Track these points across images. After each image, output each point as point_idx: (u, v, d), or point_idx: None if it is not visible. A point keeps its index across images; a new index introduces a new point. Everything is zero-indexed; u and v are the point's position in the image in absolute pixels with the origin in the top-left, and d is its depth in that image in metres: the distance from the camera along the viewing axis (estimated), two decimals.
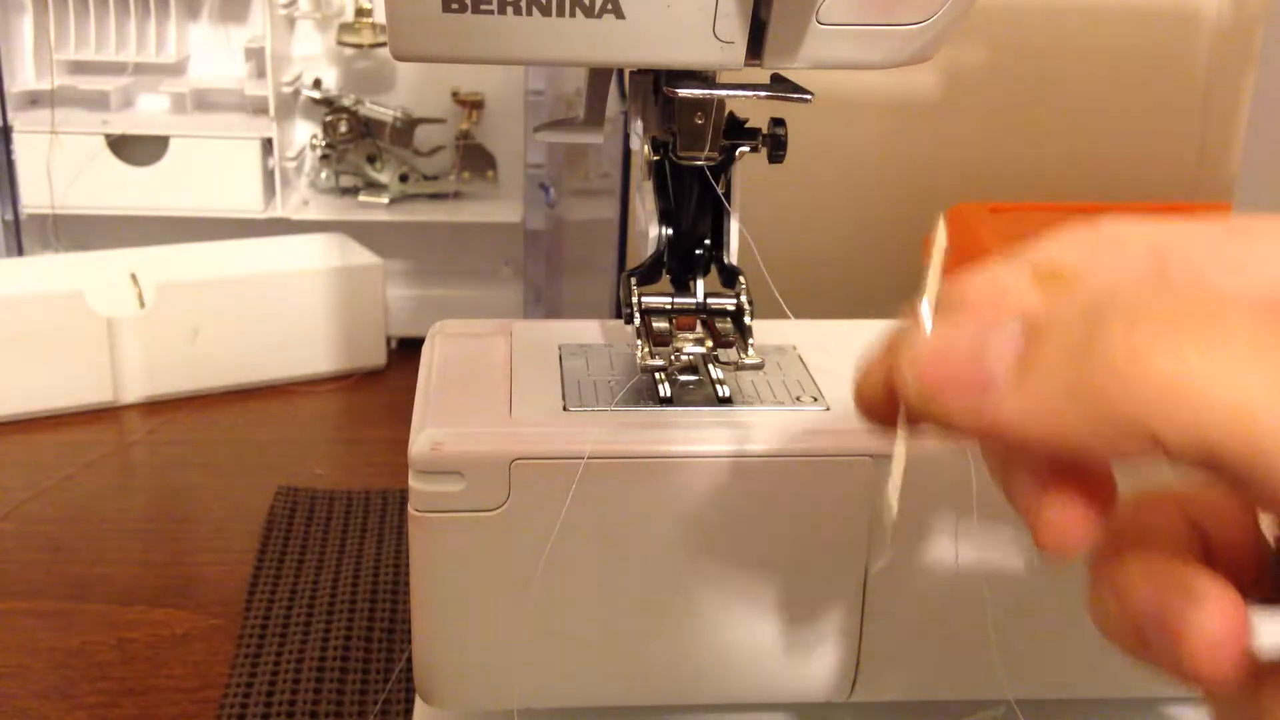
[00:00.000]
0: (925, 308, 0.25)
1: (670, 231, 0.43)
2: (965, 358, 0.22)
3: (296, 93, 0.87)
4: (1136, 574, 0.23)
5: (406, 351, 0.85)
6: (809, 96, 0.38)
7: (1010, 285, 0.25)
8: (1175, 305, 0.20)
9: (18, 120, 0.83)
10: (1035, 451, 0.23)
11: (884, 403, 0.25)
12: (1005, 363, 0.22)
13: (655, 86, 0.41)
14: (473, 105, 0.88)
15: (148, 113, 0.88)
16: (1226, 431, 0.19)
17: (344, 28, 0.86)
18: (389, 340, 0.84)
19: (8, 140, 0.82)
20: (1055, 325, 0.21)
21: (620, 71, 0.43)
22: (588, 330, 0.47)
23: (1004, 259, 0.25)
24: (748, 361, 0.41)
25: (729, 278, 0.43)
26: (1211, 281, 0.24)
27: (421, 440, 0.37)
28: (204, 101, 0.88)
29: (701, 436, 0.39)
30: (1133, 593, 0.23)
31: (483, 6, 0.34)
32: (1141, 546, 0.24)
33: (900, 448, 0.25)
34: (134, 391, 0.76)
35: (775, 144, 0.41)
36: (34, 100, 0.86)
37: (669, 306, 0.42)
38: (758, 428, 0.39)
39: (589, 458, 0.37)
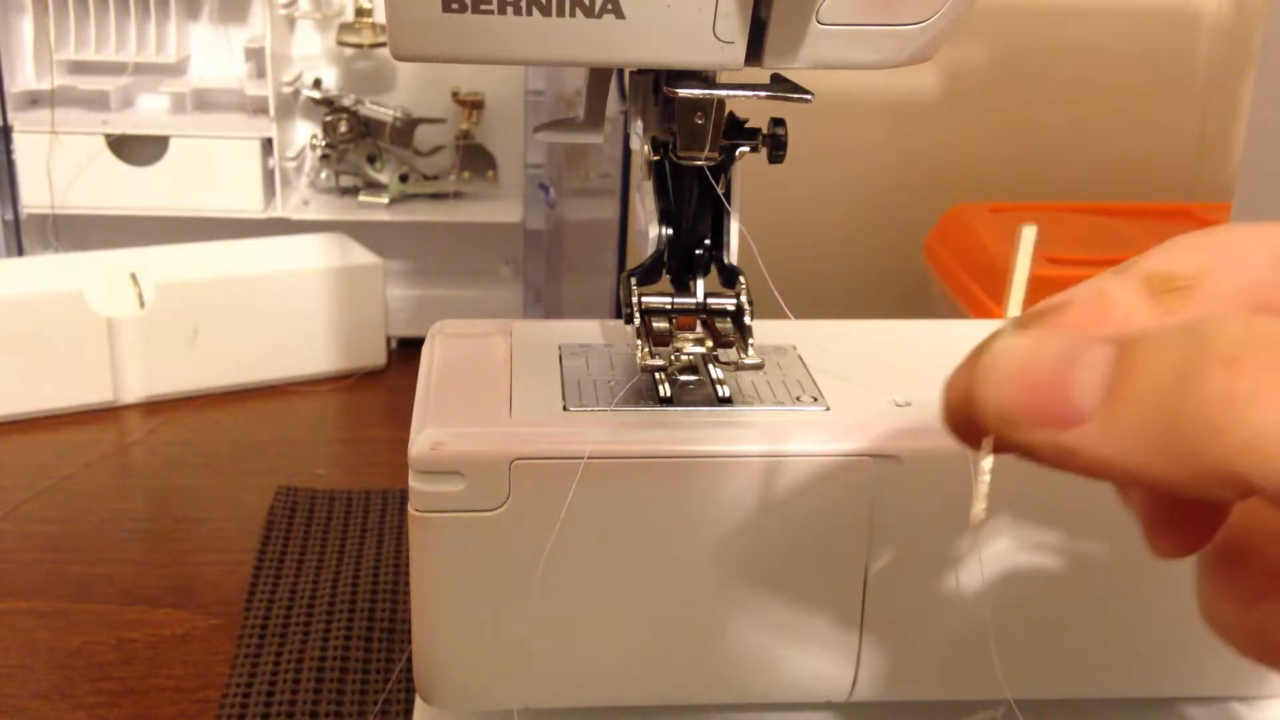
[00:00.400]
0: (1010, 317, 0.23)
1: (670, 231, 0.43)
2: (1051, 382, 0.21)
3: (296, 93, 0.87)
4: (1256, 577, 0.22)
5: (406, 351, 0.85)
6: (809, 97, 0.38)
7: (1118, 297, 0.23)
8: (1272, 351, 0.18)
9: (18, 120, 0.83)
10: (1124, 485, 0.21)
11: (970, 419, 0.23)
12: (1094, 391, 0.20)
13: (655, 86, 0.41)
14: (473, 105, 0.88)
15: (148, 113, 0.88)
16: None
17: (344, 28, 0.86)
18: (389, 340, 0.84)
19: (8, 140, 0.82)
20: (1149, 356, 0.20)
21: (620, 71, 0.43)
22: (588, 330, 0.46)
23: (1115, 269, 0.24)
24: (748, 361, 0.41)
25: (729, 278, 0.43)
26: None
27: (421, 440, 0.37)
28: (204, 101, 0.88)
29: (701, 436, 0.39)
30: (1255, 599, 0.21)
31: (483, 6, 0.34)
32: (1258, 544, 0.22)
33: (986, 462, 0.23)
34: (134, 391, 0.76)
35: (775, 144, 0.41)
36: (34, 100, 0.86)
37: (669, 306, 0.42)
38: (758, 428, 0.39)
39: (589, 458, 0.37)
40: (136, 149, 0.85)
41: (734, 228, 0.42)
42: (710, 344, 0.42)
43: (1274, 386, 0.18)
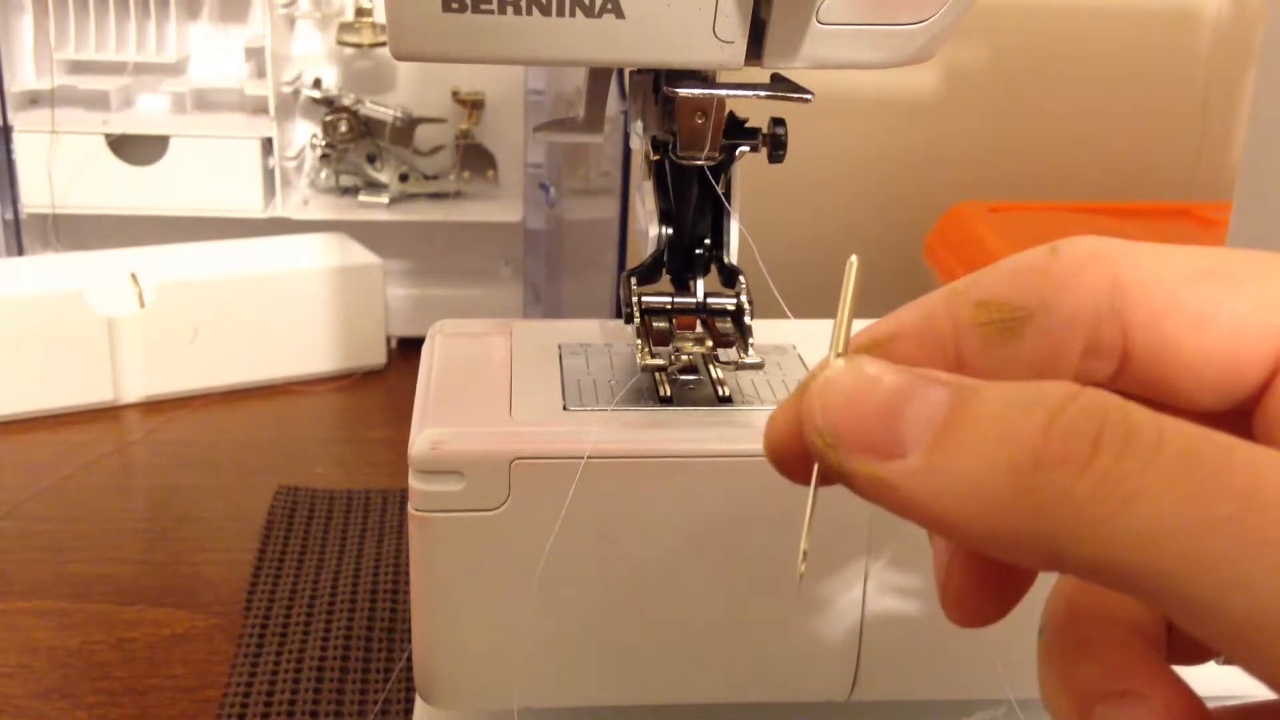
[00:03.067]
0: (839, 341, 0.23)
1: (670, 231, 0.43)
2: (880, 412, 0.20)
3: (296, 92, 0.87)
4: (1094, 677, 0.21)
5: (406, 351, 0.85)
6: (809, 96, 0.38)
7: (946, 328, 0.23)
8: (1100, 413, 0.18)
9: (18, 120, 0.83)
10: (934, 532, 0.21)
11: (794, 450, 0.23)
12: (920, 430, 0.20)
13: (655, 86, 0.41)
14: (473, 105, 0.88)
15: (148, 112, 0.88)
16: (1134, 562, 0.17)
17: (344, 27, 0.86)
18: (389, 340, 0.84)
19: (8, 140, 0.82)
20: (979, 407, 0.19)
21: (620, 71, 0.43)
22: (588, 330, 0.46)
23: (947, 291, 0.23)
24: (748, 361, 0.41)
25: (729, 277, 0.43)
26: (1173, 334, 0.22)
27: (421, 440, 0.37)
28: (204, 101, 0.88)
29: (701, 436, 0.39)
30: (1091, 699, 0.21)
31: (483, 6, 0.34)
32: (1096, 645, 0.22)
33: (812, 499, 0.23)
34: (134, 391, 0.76)
35: (775, 144, 0.41)
36: (34, 100, 0.86)
37: (669, 306, 0.42)
38: (758, 428, 0.39)
39: (589, 457, 0.37)
40: (136, 149, 0.85)
41: (734, 227, 0.42)
42: (710, 344, 0.42)
43: (1080, 457, 0.18)
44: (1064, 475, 0.18)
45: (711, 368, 0.42)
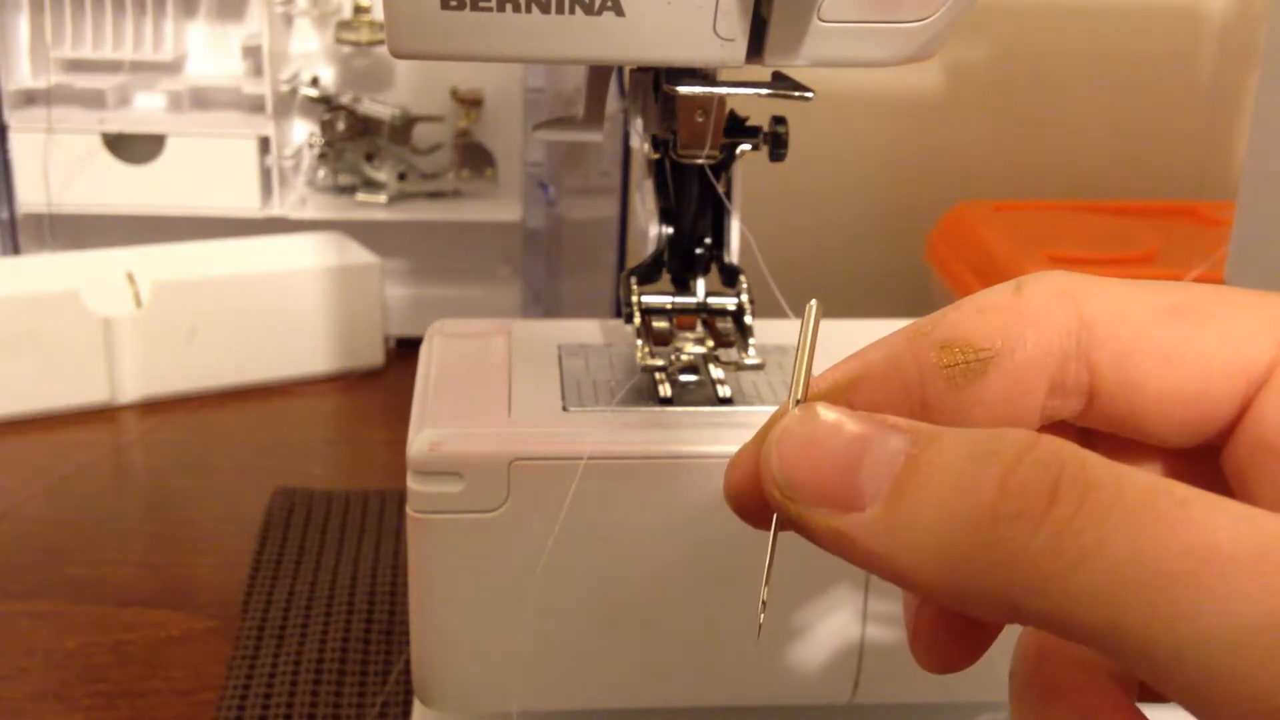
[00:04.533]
0: (798, 386, 0.22)
1: (670, 230, 0.42)
2: (838, 464, 0.20)
3: (294, 91, 0.87)
4: (1059, 712, 0.21)
5: (405, 351, 0.84)
6: (810, 94, 0.38)
7: (911, 371, 0.23)
8: (1057, 465, 0.18)
9: (13, 118, 0.82)
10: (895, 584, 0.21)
11: (754, 497, 0.22)
12: (879, 482, 0.19)
13: (655, 84, 0.40)
14: (471, 103, 0.88)
15: (144, 111, 0.88)
16: (1091, 618, 0.17)
17: (342, 25, 0.85)
18: (387, 340, 0.84)
19: (4, 139, 0.82)
20: (936, 458, 0.19)
21: (620, 69, 0.43)
22: (587, 330, 0.46)
23: (911, 331, 0.23)
24: (748, 361, 0.41)
25: (729, 277, 0.42)
26: (1140, 372, 0.22)
27: (420, 441, 0.37)
28: (201, 100, 0.88)
29: (701, 437, 0.38)
30: None
31: (481, 4, 0.33)
32: (1051, 672, 0.22)
33: (771, 548, 0.23)
34: (130, 391, 0.76)
35: (776, 142, 0.41)
36: (30, 98, 0.85)
37: (669, 306, 0.42)
38: (758, 428, 0.39)
39: (589, 458, 0.37)
40: (133, 147, 0.84)
41: (735, 227, 0.42)
42: (711, 344, 0.42)
43: (1036, 512, 0.18)
44: (1020, 529, 0.18)
45: (712, 368, 0.42)
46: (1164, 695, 0.17)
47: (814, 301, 0.24)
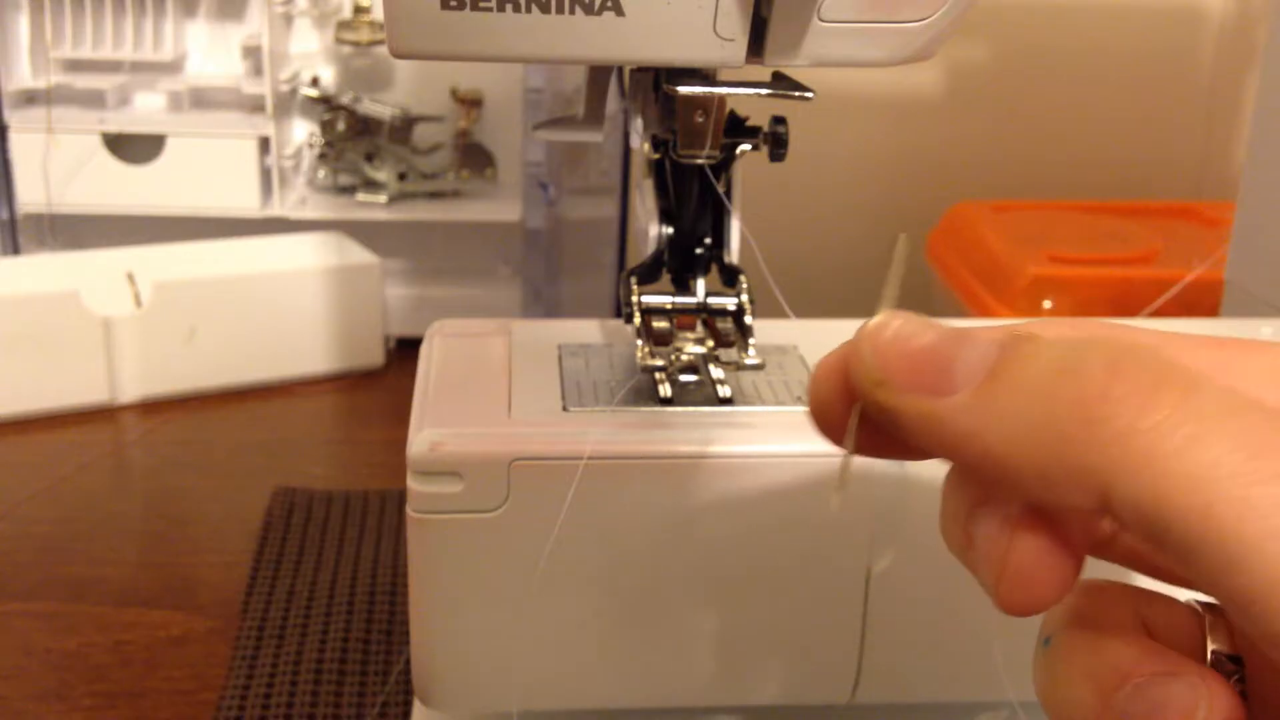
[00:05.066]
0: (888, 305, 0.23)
1: (670, 230, 0.42)
2: (933, 352, 0.21)
3: (294, 90, 0.87)
4: (1126, 659, 0.21)
5: (405, 351, 0.84)
6: (810, 94, 0.38)
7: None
8: (1158, 364, 0.19)
9: (14, 119, 0.82)
10: (978, 474, 0.21)
11: (839, 405, 0.23)
12: (973, 370, 0.20)
13: (655, 84, 0.40)
14: (471, 103, 0.88)
15: (144, 111, 0.88)
16: (1184, 502, 0.18)
17: (342, 25, 0.85)
18: (387, 340, 0.84)
19: (4, 139, 0.82)
20: (1036, 346, 0.20)
21: (620, 69, 0.43)
22: (587, 330, 0.46)
23: (989, 328, 0.24)
24: (748, 361, 0.41)
25: (730, 277, 0.42)
26: None
27: (420, 441, 0.37)
28: (201, 99, 0.88)
29: (701, 437, 0.38)
30: (1114, 687, 0.21)
31: (481, 4, 0.33)
32: (1102, 626, 0.22)
33: (848, 455, 0.23)
34: (130, 391, 0.76)
35: (776, 142, 0.41)
36: (30, 98, 0.85)
37: (669, 306, 0.42)
38: (758, 428, 0.39)
39: (589, 458, 0.37)
40: (133, 147, 0.84)
41: (735, 226, 0.42)
42: (711, 344, 0.42)
43: (1149, 396, 0.18)
44: (1128, 410, 0.18)
45: (712, 368, 0.42)
46: (1229, 604, 0.18)
47: (903, 236, 0.25)
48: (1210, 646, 0.22)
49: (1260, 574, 0.17)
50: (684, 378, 0.42)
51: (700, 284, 0.42)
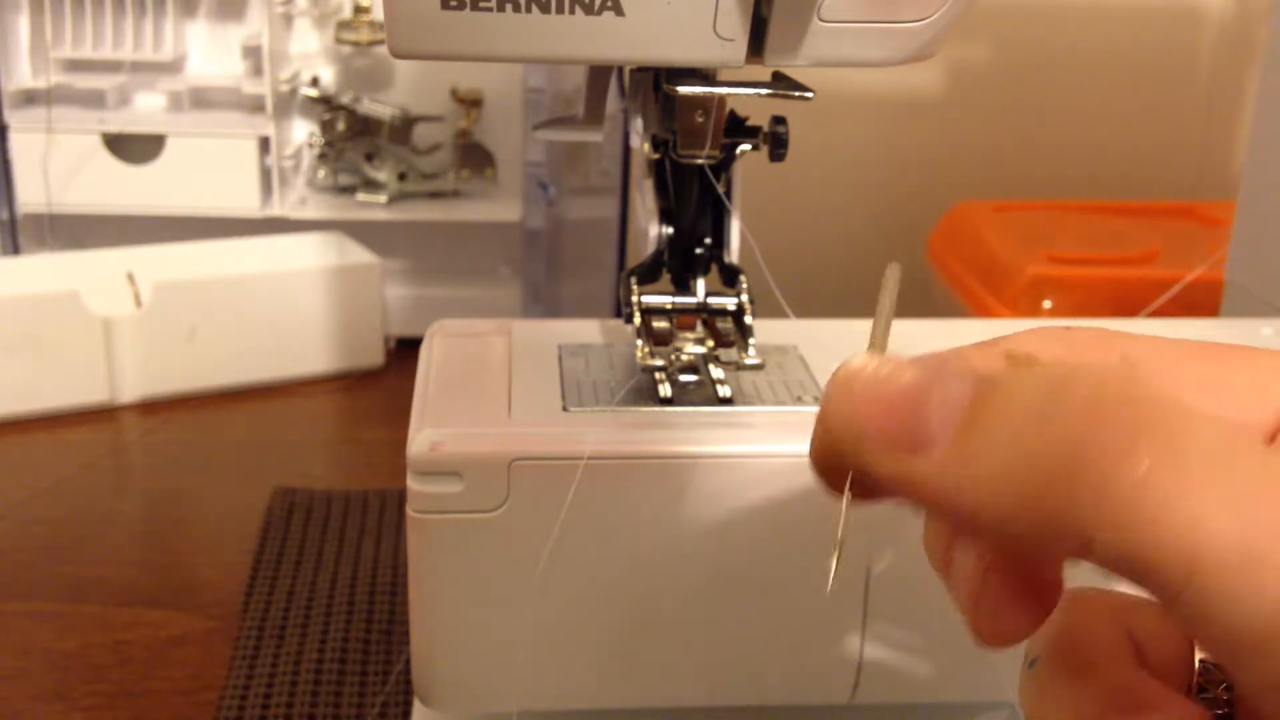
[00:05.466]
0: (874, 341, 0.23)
1: (670, 230, 0.42)
2: (906, 399, 0.20)
3: (294, 91, 0.87)
4: (1099, 695, 0.21)
5: (405, 351, 0.84)
6: (810, 94, 0.38)
7: (979, 362, 0.23)
8: (1136, 410, 0.18)
9: (14, 119, 0.82)
10: (956, 526, 0.20)
11: (836, 479, 0.22)
12: (948, 417, 0.19)
13: (655, 84, 0.40)
14: (471, 103, 0.88)
15: (144, 111, 0.88)
16: (1169, 558, 0.17)
17: (342, 25, 0.85)
18: (387, 340, 0.84)
19: (4, 139, 0.82)
20: (1011, 390, 0.19)
21: (620, 69, 0.43)
22: (587, 330, 0.46)
23: (978, 344, 0.23)
24: (748, 361, 0.41)
25: (730, 277, 0.42)
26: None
27: (420, 441, 0.37)
28: (201, 100, 0.88)
29: (701, 436, 0.38)
30: (1092, 709, 0.21)
31: (481, 4, 0.33)
32: (1084, 652, 0.22)
33: (846, 507, 0.23)
34: (130, 391, 0.76)
35: (776, 142, 0.41)
36: (30, 98, 0.85)
37: (669, 306, 0.42)
38: (758, 428, 0.39)
39: (589, 458, 0.37)
40: (133, 147, 0.84)
41: (735, 226, 0.42)
42: (711, 344, 0.42)
43: (1129, 443, 0.18)
44: (1107, 463, 0.18)
45: (712, 368, 0.42)
46: (1213, 652, 0.17)
47: (893, 265, 0.24)
48: (1199, 656, 0.22)
49: (1247, 629, 0.17)
50: (684, 378, 0.42)
51: (700, 284, 0.42)
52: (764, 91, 0.38)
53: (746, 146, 0.41)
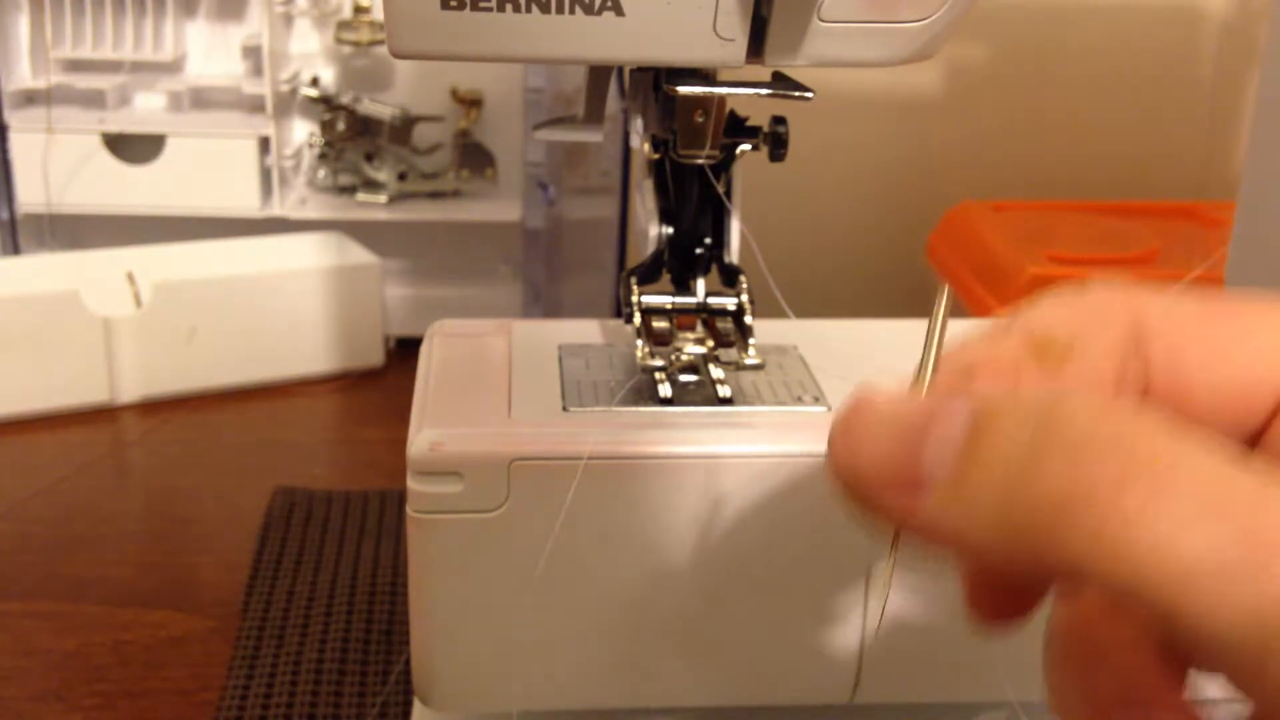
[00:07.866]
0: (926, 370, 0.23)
1: (670, 230, 0.42)
2: (904, 438, 0.21)
3: (294, 91, 0.87)
4: (1111, 684, 0.22)
5: (405, 351, 0.84)
6: (810, 94, 0.38)
7: (1007, 358, 0.23)
8: (1124, 446, 0.18)
9: (14, 119, 0.82)
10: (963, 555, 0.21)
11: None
12: (943, 460, 0.20)
13: (655, 84, 0.40)
14: (471, 103, 0.88)
15: (144, 111, 0.88)
16: (1164, 595, 0.17)
17: (342, 25, 0.85)
18: (387, 340, 0.84)
19: (4, 139, 0.82)
20: (999, 432, 0.19)
21: (620, 69, 0.43)
22: (588, 330, 0.46)
23: (999, 327, 0.24)
24: (748, 362, 0.41)
25: (729, 277, 0.42)
26: (1189, 367, 0.23)
27: (420, 441, 0.37)
28: (201, 100, 0.88)
29: (701, 437, 0.38)
30: (1109, 706, 0.21)
31: (481, 4, 0.33)
32: (1113, 650, 0.22)
33: (892, 544, 0.23)
34: (130, 391, 0.76)
35: (776, 142, 0.41)
36: (30, 98, 0.85)
37: (669, 306, 0.42)
38: (758, 428, 0.39)
39: (589, 458, 0.37)
40: (133, 147, 0.84)
41: (735, 227, 0.42)
42: (711, 344, 0.42)
43: (1117, 483, 0.18)
44: (1099, 503, 0.18)
45: (712, 368, 0.42)
46: (1210, 667, 0.18)
47: (946, 287, 0.25)
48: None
49: (1240, 660, 0.17)
50: (684, 378, 0.42)
51: (700, 284, 0.42)
52: (764, 91, 0.38)
53: (746, 146, 0.41)
